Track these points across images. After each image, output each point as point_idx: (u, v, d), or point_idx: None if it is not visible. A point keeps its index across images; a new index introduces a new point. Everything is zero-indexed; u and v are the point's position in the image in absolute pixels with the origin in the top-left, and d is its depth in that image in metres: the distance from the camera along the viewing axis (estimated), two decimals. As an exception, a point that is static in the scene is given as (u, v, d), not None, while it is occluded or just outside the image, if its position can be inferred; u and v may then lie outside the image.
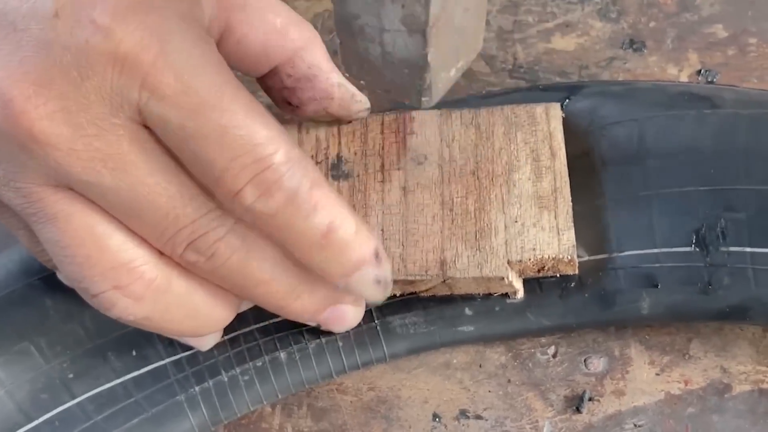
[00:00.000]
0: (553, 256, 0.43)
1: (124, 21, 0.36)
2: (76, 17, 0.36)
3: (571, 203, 0.44)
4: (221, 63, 0.38)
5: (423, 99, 0.39)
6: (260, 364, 0.46)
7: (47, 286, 0.46)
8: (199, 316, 0.41)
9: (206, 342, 0.45)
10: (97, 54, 0.36)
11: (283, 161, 0.37)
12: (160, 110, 0.36)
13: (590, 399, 0.48)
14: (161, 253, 0.39)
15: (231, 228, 0.39)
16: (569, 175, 0.45)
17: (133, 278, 0.39)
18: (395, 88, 0.39)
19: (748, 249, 0.45)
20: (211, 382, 0.46)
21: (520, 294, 0.46)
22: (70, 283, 0.41)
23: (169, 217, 0.38)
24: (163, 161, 0.38)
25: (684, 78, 0.53)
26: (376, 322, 0.47)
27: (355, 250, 0.40)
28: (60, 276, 0.43)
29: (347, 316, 0.44)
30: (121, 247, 0.39)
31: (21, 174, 0.38)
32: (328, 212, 0.38)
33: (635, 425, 0.47)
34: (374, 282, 0.41)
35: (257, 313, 0.46)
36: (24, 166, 0.37)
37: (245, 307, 0.45)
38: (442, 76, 0.38)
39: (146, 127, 0.37)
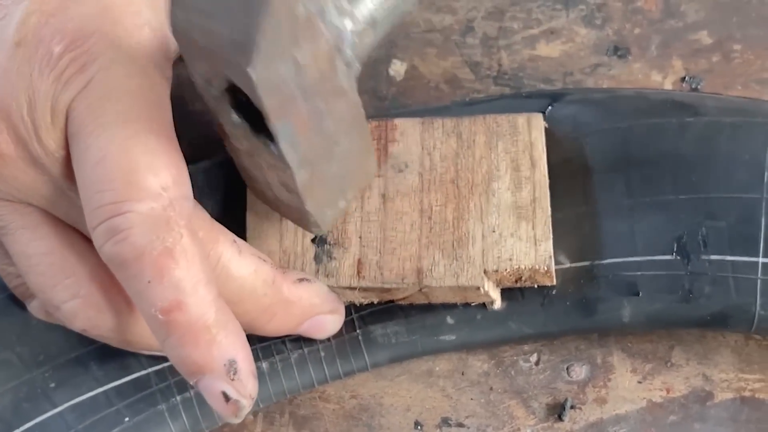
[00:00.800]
0: (530, 266, 0.43)
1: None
2: (35, 47, 0.36)
3: (549, 214, 0.44)
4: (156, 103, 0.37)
5: (314, 229, 0.41)
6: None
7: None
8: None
9: None
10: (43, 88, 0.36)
11: (143, 215, 0.35)
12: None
13: (572, 407, 0.48)
14: None
15: None
16: (551, 182, 0.45)
17: (95, 288, 0.39)
18: (293, 219, 0.42)
19: (729, 257, 0.45)
20: (192, 392, 0.46)
21: (497, 304, 0.46)
22: (38, 308, 0.41)
23: None
24: None
25: (668, 85, 0.53)
26: (357, 331, 0.47)
27: (198, 348, 0.36)
28: (29, 307, 0.44)
29: (326, 325, 0.44)
30: (85, 258, 0.39)
31: None
32: (176, 289, 0.35)
33: (617, 433, 0.48)
34: (220, 397, 0.37)
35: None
36: None
37: None
38: (328, 213, 0.40)
39: None
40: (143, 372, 0.46)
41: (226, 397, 0.37)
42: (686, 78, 0.53)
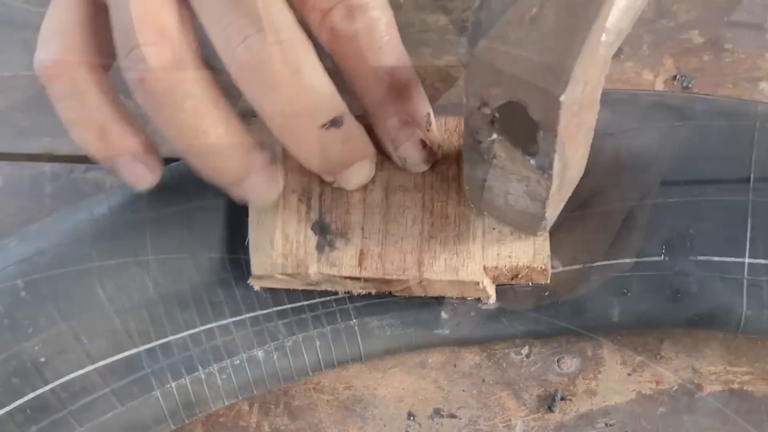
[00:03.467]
0: (528, 264, 0.44)
1: None
2: None
3: None
4: None
5: (539, 233, 0.44)
6: (238, 362, 0.47)
7: (20, 270, 0.46)
8: (209, 131, 0.41)
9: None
10: None
11: None
12: None
13: (562, 398, 0.49)
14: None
15: None
16: None
17: (172, 42, 0.41)
18: (515, 224, 0.44)
19: (716, 258, 0.45)
20: (188, 379, 0.46)
21: (493, 299, 0.46)
22: (113, 45, 0.42)
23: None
24: None
25: (660, 83, 0.54)
26: (353, 321, 0.47)
27: (412, 101, 0.43)
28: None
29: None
30: (176, 12, 0.41)
31: None
32: (396, 54, 0.42)
33: (606, 424, 0.48)
34: (420, 144, 0.44)
35: (233, 306, 0.47)
36: None
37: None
38: (554, 217, 0.43)
39: None
40: (135, 350, 0.46)
41: (423, 144, 0.44)
42: (677, 77, 0.54)
